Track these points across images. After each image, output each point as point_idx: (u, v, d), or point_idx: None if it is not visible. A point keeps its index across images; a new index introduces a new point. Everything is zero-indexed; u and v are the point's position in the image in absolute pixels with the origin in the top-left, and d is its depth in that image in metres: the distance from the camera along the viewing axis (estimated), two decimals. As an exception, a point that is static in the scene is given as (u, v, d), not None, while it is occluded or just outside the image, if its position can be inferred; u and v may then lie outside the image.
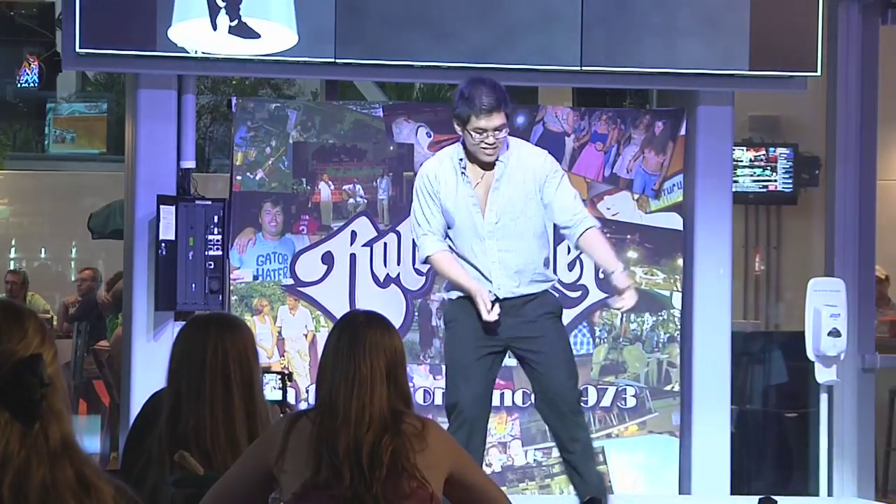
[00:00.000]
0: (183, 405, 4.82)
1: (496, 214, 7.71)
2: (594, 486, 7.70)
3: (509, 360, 9.97)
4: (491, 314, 7.53)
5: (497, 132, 7.63)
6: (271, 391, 6.05)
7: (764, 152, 13.33)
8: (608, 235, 9.85)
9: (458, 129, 7.79)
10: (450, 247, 7.78)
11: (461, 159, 7.77)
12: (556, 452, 9.84)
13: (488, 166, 7.76)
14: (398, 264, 10.03)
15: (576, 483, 7.79)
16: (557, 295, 9.93)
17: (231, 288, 9.86)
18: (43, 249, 17.43)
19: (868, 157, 10.68)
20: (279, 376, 6.22)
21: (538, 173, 7.76)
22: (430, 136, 10.13)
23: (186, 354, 4.90)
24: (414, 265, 9.88)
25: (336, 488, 4.28)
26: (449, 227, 7.77)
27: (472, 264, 7.72)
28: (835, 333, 10.01)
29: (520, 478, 9.89)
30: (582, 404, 8.40)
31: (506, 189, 7.71)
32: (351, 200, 10.05)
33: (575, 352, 10.01)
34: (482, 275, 7.69)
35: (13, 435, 2.83)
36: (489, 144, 7.65)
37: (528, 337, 7.75)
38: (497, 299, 7.65)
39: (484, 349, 7.70)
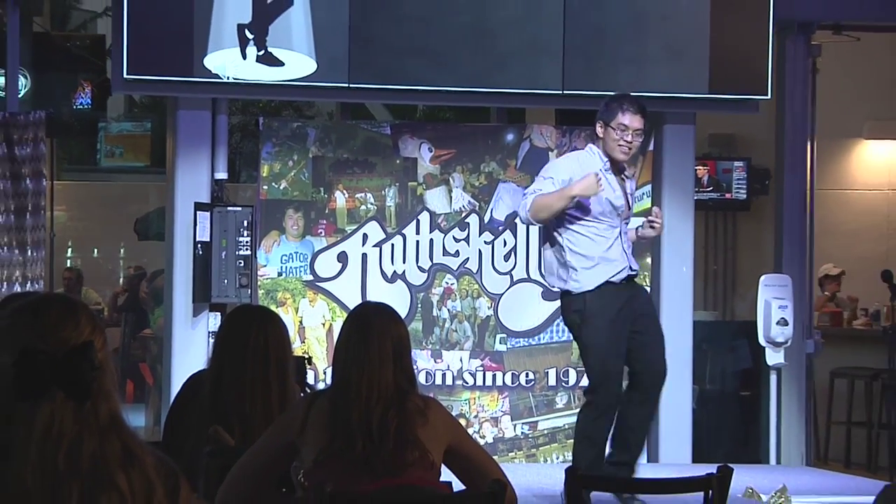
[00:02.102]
0: (224, 380, 4.82)
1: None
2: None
3: (499, 346, 10.01)
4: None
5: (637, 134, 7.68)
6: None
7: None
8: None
9: (599, 130, 7.73)
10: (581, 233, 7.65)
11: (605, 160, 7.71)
12: (541, 426, 9.88)
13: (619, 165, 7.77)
14: (403, 262, 10.02)
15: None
16: (542, 288, 9.97)
17: (258, 283, 9.85)
18: (95, 249, 17.41)
19: (809, 169, 10.72)
20: (299, 360, 6.22)
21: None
22: (431, 151, 10.12)
23: (231, 336, 4.91)
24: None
25: (349, 455, 4.27)
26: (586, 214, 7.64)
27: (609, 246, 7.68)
28: (782, 322, 10.07)
29: (509, 448, 9.88)
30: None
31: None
32: (362, 207, 10.04)
33: (557, 338, 10.07)
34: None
35: (67, 412, 2.82)
36: (627, 143, 7.65)
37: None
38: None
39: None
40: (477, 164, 10.09)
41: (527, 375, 10.05)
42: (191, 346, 9.70)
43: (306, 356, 6.45)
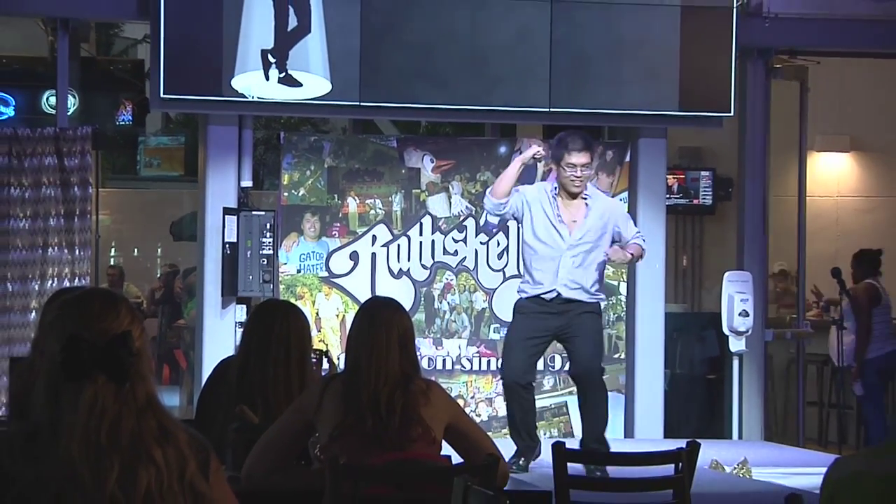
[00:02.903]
0: (251, 365, 4.81)
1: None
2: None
3: (493, 335, 10.00)
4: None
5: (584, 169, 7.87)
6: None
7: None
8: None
9: (553, 167, 8.08)
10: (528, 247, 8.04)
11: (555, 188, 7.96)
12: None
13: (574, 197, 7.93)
14: (408, 261, 10.01)
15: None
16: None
17: (280, 279, 9.84)
18: (135, 249, 17.41)
19: (767, 178, 10.74)
20: (318, 353, 6.21)
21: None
22: (432, 162, 10.10)
23: (259, 327, 4.90)
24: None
25: (360, 431, 4.27)
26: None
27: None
28: (744, 314, 10.07)
29: (502, 425, 9.83)
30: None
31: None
32: (372, 211, 10.03)
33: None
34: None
35: (108, 393, 2.81)
36: (577, 177, 7.84)
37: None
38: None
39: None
40: (473, 174, 10.08)
41: (517, 361, 10.04)
42: (220, 335, 9.69)
43: (325, 350, 6.44)
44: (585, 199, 7.96)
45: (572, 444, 7.60)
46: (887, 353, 10.84)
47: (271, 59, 9.53)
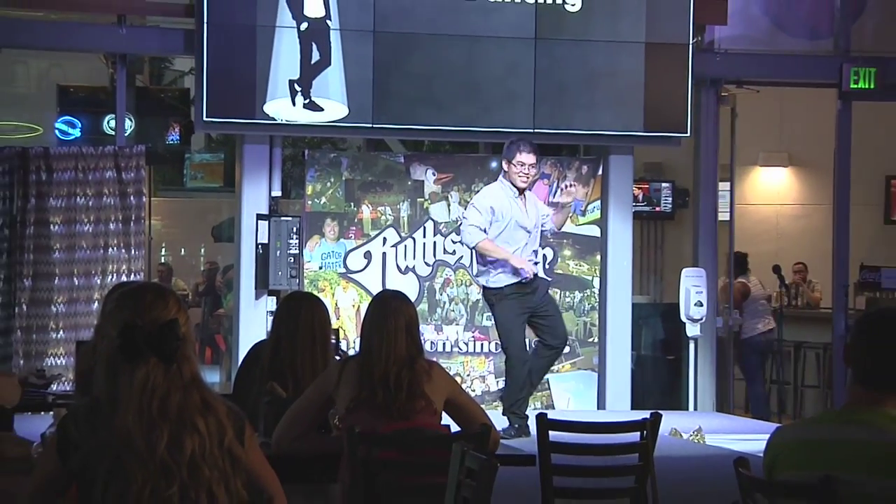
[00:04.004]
0: (280, 347, 4.79)
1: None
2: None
3: (486, 322, 9.97)
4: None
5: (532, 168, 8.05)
6: None
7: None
8: (551, 241, 9.88)
9: (504, 165, 8.08)
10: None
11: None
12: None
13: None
14: (414, 259, 9.98)
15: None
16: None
17: (304, 274, 9.82)
18: (182, 249, 17.38)
19: (717, 189, 10.74)
20: (335, 332, 6.20)
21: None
22: (434, 175, 10.09)
23: (287, 315, 4.87)
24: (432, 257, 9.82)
25: (372, 404, 4.26)
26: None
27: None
28: (698, 304, 10.06)
29: (493, 399, 9.82)
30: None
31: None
32: (382, 217, 10.01)
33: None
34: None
35: (159, 372, 2.81)
36: (525, 174, 8.01)
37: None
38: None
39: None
40: (469, 185, 10.06)
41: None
42: (253, 322, 9.67)
43: (337, 329, 6.44)
44: (527, 191, 8.21)
45: (553, 415, 7.60)
46: (760, 334, 11.27)
47: (297, 88, 9.52)
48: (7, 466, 3.89)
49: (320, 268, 9.92)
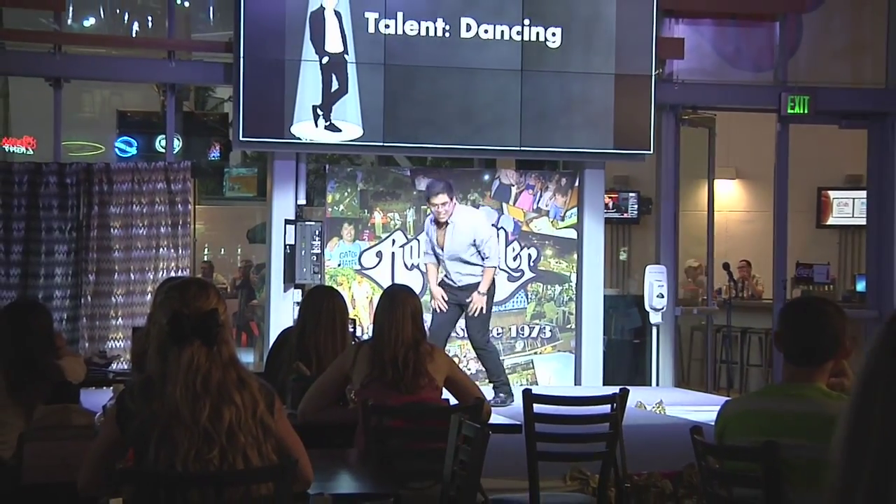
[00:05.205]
0: (306, 332, 4.79)
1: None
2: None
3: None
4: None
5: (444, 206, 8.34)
6: None
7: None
8: (535, 242, 9.86)
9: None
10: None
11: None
12: (507, 363, 9.83)
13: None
14: (418, 257, 9.97)
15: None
16: (507, 274, 9.92)
17: (325, 271, 9.80)
18: (222, 249, 17.34)
19: (678, 198, 10.71)
20: (352, 321, 6.19)
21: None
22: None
23: (311, 305, 4.88)
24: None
25: (383, 381, 4.26)
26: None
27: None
28: (660, 296, 10.03)
29: (485, 377, 9.80)
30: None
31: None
32: (392, 222, 9.99)
33: (516, 306, 10.01)
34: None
35: (202, 353, 2.80)
36: (438, 212, 8.38)
37: None
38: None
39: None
40: (465, 195, 10.05)
41: (497, 330, 10.00)
42: (282, 311, 9.66)
43: (355, 318, 6.43)
44: (448, 224, 8.44)
45: (537, 390, 7.60)
46: None
47: (319, 112, 9.51)
48: (74, 433, 3.90)
49: (339, 265, 9.91)
